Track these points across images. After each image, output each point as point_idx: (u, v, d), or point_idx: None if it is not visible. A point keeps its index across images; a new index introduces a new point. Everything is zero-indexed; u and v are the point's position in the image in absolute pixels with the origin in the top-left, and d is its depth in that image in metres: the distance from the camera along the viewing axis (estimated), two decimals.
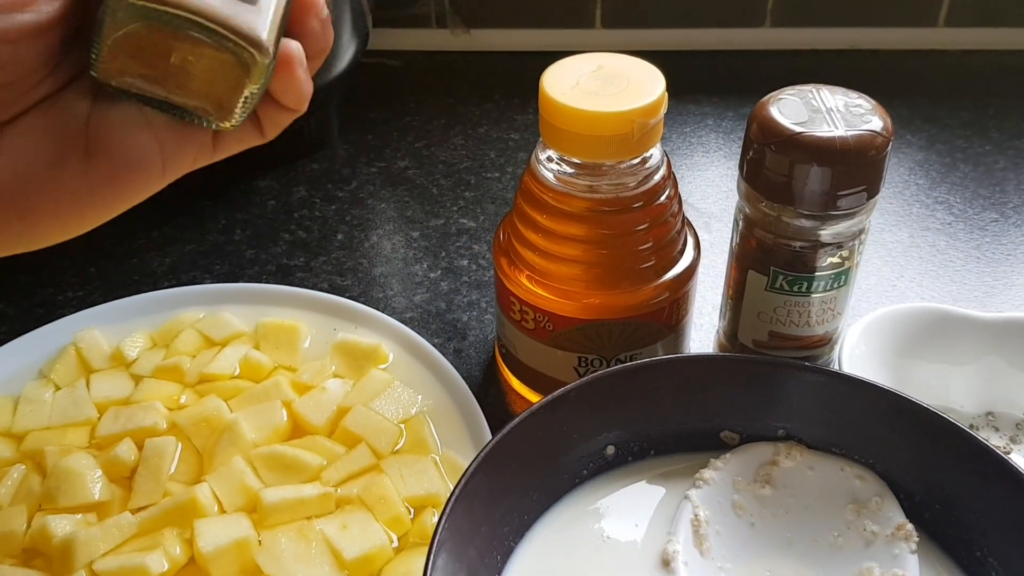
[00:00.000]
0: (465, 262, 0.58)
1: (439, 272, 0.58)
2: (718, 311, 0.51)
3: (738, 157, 0.43)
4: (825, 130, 0.39)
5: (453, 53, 0.80)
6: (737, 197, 0.44)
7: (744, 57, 0.78)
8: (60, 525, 0.39)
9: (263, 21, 0.31)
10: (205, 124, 0.33)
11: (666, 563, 0.36)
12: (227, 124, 0.33)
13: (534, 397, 0.47)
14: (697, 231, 0.46)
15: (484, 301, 0.55)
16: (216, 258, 0.58)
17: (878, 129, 0.39)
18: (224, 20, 0.30)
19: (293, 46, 0.33)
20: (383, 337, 0.49)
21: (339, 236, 0.61)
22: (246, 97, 0.32)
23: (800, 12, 0.77)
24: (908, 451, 0.37)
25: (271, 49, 0.32)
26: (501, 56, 0.79)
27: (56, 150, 0.31)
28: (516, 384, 0.48)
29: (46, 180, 0.31)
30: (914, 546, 0.36)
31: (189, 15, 0.30)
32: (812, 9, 0.77)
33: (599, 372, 0.38)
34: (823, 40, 0.78)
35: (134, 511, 0.40)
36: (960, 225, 0.60)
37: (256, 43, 0.31)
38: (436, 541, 0.31)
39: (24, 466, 0.42)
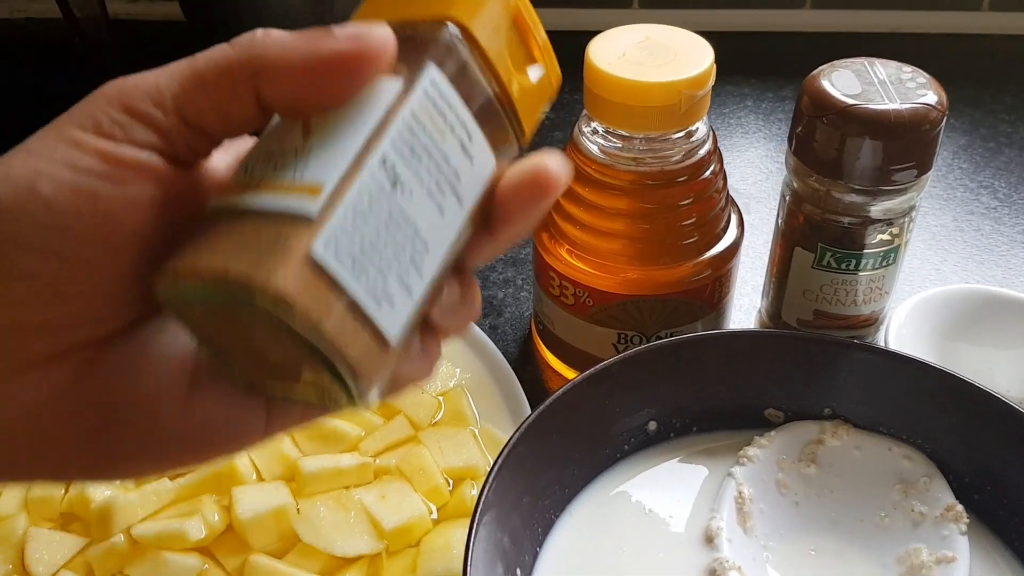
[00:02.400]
0: None
1: None
2: (759, 292, 0.50)
3: (778, 139, 0.43)
4: (879, 103, 0.38)
5: None
6: (783, 174, 0.43)
7: (784, 39, 0.77)
8: (98, 490, 0.39)
9: (387, 367, 0.22)
10: (231, 379, 0.24)
11: (709, 539, 0.35)
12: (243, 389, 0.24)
13: (571, 374, 0.46)
14: None
15: (520, 278, 0.55)
16: None
17: (933, 103, 0.38)
18: (355, 364, 0.21)
19: None
20: None
21: None
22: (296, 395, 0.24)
23: None
24: (958, 431, 0.36)
25: (375, 401, 0.23)
26: None
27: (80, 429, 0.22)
28: (553, 361, 0.48)
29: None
30: (964, 527, 0.35)
31: (320, 345, 0.20)
32: None
33: (643, 346, 0.38)
34: (864, 23, 0.77)
35: (172, 477, 0.40)
36: (1005, 210, 0.59)
37: (364, 397, 0.22)
38: (482, 503, 0.30)
39: None
